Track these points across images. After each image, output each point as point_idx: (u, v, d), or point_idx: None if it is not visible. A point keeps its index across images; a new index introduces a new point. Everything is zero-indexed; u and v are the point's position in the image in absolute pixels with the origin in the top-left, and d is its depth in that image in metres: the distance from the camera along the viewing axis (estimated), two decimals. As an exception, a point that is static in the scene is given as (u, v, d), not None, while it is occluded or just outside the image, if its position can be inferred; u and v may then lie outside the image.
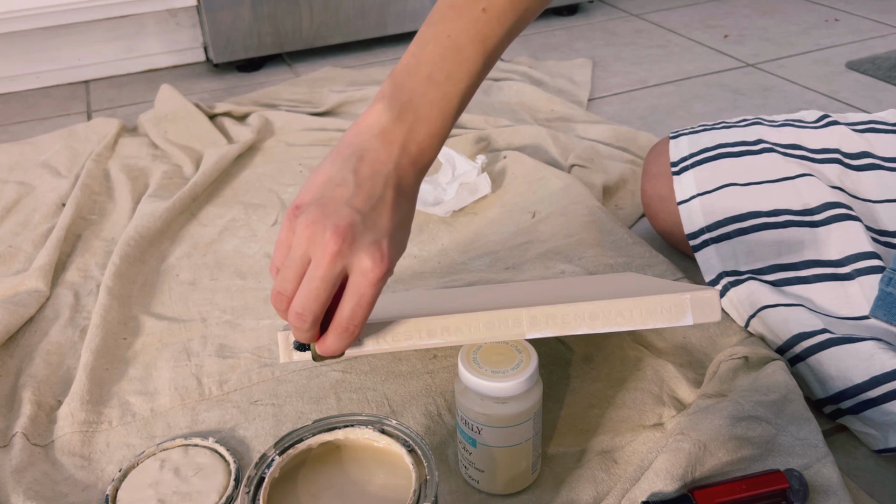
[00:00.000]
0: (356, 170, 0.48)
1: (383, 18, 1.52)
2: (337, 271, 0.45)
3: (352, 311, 0.46)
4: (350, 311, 0.46)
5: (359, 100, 1.24)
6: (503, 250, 0.85)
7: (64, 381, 0.70)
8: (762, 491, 0.51)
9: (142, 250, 0.87)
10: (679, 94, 1.27)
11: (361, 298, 0.46)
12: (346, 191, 0.47)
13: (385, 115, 0.50)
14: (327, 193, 0.47)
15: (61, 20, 1.37)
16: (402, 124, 0.49)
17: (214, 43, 1.42)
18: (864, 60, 1.34)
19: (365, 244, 0.45)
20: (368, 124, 0.50)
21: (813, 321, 0.64)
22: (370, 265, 0.45)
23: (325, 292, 0.45)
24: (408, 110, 0.50)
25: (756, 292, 0.68)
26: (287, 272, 0.46)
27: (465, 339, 0.51)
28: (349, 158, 0.48)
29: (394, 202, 0.48)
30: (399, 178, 0.49)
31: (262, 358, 0.71)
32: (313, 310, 0.45)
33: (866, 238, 0.69)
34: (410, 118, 0.50)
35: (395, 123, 0.49)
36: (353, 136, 0.50)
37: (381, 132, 0.49)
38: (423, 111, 0.50)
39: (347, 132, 0.50)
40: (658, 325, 0.50)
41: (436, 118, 0.50)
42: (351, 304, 0.46)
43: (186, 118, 1.16)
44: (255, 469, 0.46)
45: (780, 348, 0.65)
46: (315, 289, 0.45)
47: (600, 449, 0.59)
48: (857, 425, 0.60)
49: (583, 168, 0.99)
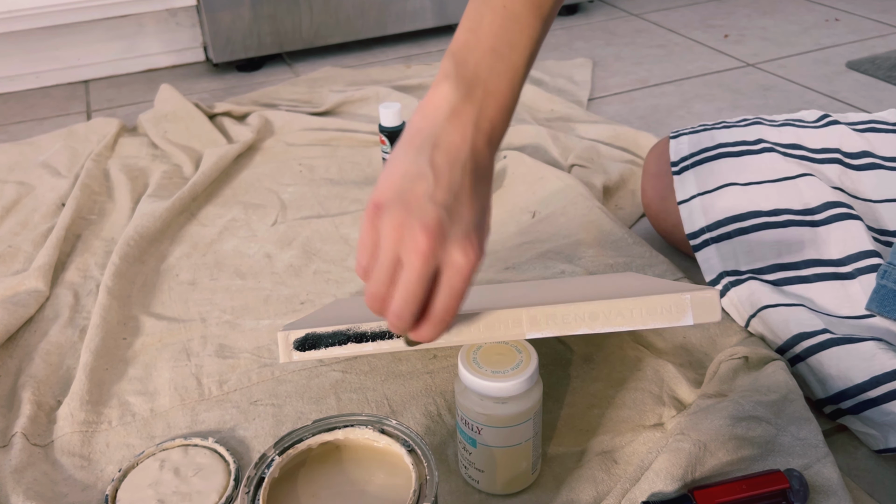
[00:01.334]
0: (432, 160, 0.46)
1: (383, 18, 1.52)
2: (431, 271, 0.45)
3: (446, 305, 0.45)
4: (444, 304, 0.45)
5: (359, 100, 1.24)
6: (503, 250, 0.85)
7: (64, 381, 0.70)
8: (762, 491, 0.51)
9: (142, 250, 0.87)
10: (679, 94, 1.27)
11: (455, 291, 0.45)
12: (427, 185, 0.45)
13: (452, 94, 0.48)
14: (407, 189, 0.46)
15: (61, 20, 1.37)
16: (471, 101, 0.48)
17: (214, 43, 1.42)
18: (864, 60, 1.34)
19: (454, 239, 0.45)
20: (435, 106, 0.48)
21: (813, 321, 0.64)
22: (463, 260, 0.44)
23: (422, 291, 0.45)
24: (476, 86, 0.48)
25: (757, 292, 0.68)
26: (380, 275, 0.46)
27: (466, 339, 0.51)
28: (423, 148, 0.47)
29: (474, 189, 0.47)
30: (476, 162, 0.47)
31: (261, 358, 0.71)
32: (412, 311, 0.45)
33: (867, 237, 0.69)
34: (479, 94, 0.48)
35: (465, 102, 0.48)
36: (422, 122, 0.48)
37: (451, 113, 0.48)
38: (492, 84, 0.49)
39: (414, 117, 0.49)
40: (658, 325, 0.50)
41: (505, 90, 0.49)
42: (445, 298, 0.45)
43: (186, 118, 1.16)
44: (255, 469, 0.46)
45: (781, 348, 0.65)
46: (412, 291, 0.45)
47: (600, 449, 0.59)
48: (857, 425, 0.60)
49: (583, 168, 0.99)
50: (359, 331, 0.52)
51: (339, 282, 0.81)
